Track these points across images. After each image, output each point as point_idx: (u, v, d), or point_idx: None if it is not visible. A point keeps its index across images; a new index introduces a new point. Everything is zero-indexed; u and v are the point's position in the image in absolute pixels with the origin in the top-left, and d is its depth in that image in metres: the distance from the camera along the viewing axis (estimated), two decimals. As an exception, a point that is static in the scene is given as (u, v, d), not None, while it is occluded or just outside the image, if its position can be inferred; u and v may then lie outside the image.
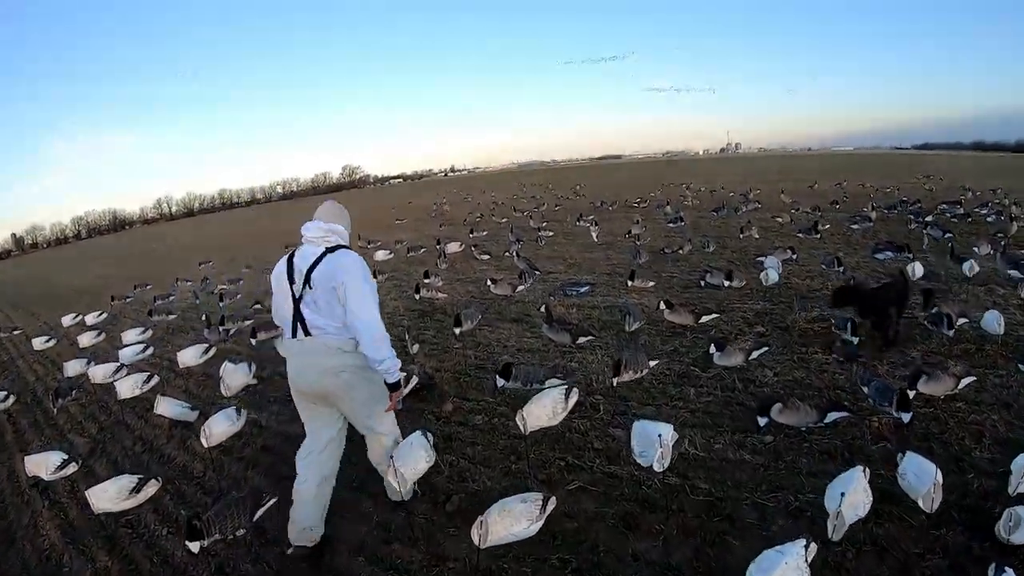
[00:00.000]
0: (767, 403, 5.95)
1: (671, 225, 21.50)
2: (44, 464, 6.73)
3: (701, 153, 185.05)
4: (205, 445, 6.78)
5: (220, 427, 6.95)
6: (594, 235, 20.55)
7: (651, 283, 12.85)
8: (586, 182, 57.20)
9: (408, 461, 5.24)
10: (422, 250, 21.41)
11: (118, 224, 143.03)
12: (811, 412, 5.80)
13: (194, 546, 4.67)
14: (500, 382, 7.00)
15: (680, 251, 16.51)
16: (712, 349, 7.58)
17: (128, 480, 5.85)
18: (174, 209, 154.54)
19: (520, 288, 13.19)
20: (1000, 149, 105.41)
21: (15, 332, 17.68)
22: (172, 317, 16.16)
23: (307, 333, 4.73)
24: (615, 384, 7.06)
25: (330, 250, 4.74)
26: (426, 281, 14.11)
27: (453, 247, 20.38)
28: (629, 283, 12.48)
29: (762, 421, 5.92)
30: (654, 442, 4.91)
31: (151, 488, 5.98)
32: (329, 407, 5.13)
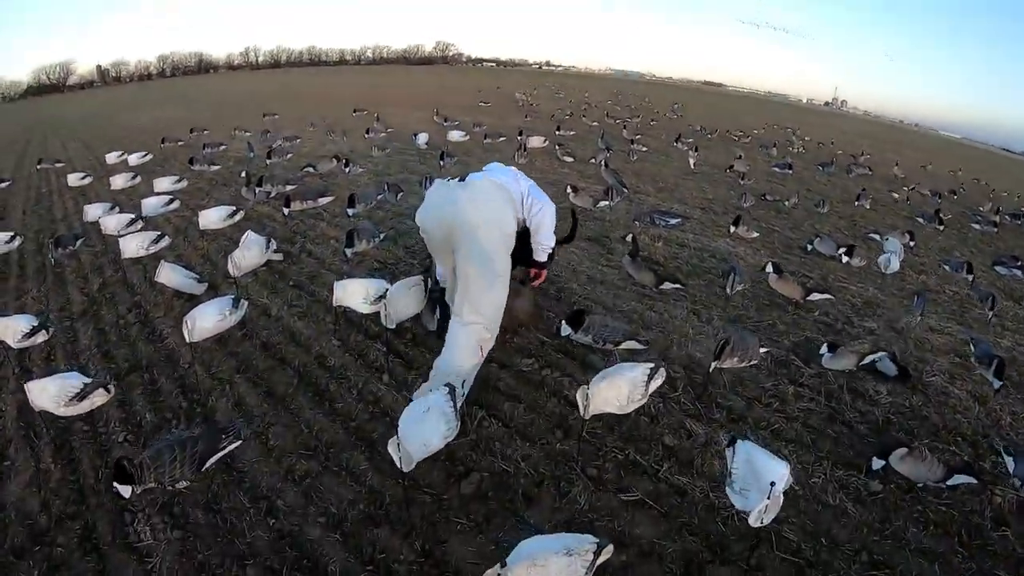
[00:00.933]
0: (890, 444, 4.53)
1: (776, 170, 19.26)
2: (11, 329, 5.69)
3: (805, 102, 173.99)
4: (187, 340, 5.54)
5: (207, 321, 5.66)
6: (691, 161, 18.31)
7: (755, 234, 10.97)
8: (686, 103, 52.99)
9: (417, 433, 3.87)
10: (501, 139, 19.60)
11: (203, 67, 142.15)
12: (937, 468, 4.42)
13: (124, 490, 3.82)
14: (566, 331, 5.66)
15: (785, 203, 14.40)
16: (823, 350, 6.04)
17: (74, 382, 4.78)
18: (260, 59, 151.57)
19: (603, 204, 11.52)
20: None
21: (58, 164, 16.88)
22: (215, 168, 15.00)
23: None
24: (713, 369, 5.35)
25: None
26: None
27: (535, 141, 18.44)
28: (732, 228, 10.52)
29: (877, 465, 4.51)
30: (763, 486, 3.34)
31: (98, 398, 4.92)
32: None
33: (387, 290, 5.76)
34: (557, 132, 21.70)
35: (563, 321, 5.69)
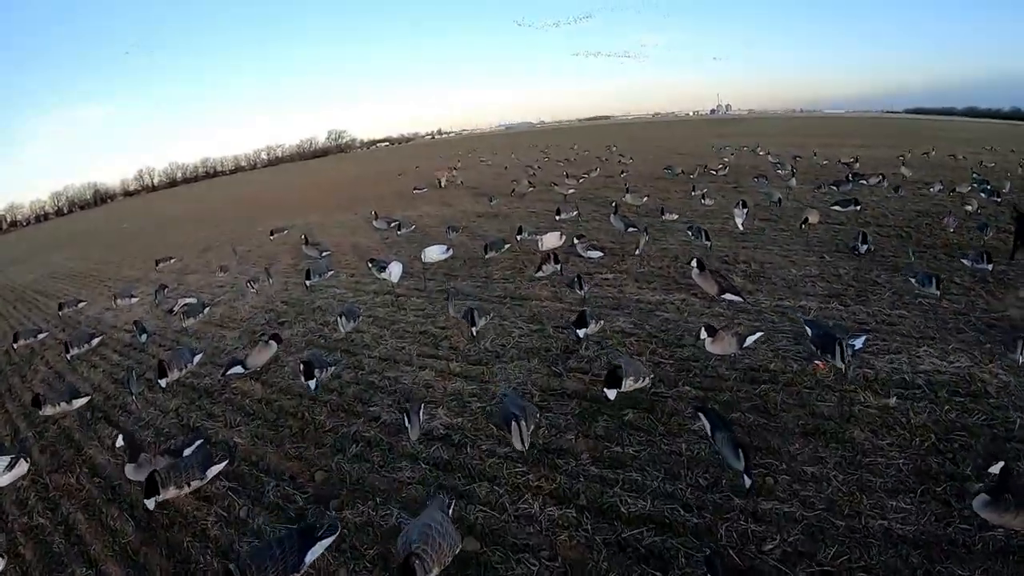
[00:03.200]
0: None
1: (838, 208, 16.03)
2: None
3: (692, 115, 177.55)
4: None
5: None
6: (739, 222, 14.87)
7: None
8: (607, 143, 50.69)
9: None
10: (505, 247, 14.20)
11: (100, 197, 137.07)
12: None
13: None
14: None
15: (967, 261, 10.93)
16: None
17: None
18: (156, 180, 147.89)
19: (751, 339, 7.85)
20: (994, 116, 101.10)
21: None
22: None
23: None
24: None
25: None
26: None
27: (551, 241, 13.74)
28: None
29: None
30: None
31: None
32: None
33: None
34: (558, 217, 17.45)
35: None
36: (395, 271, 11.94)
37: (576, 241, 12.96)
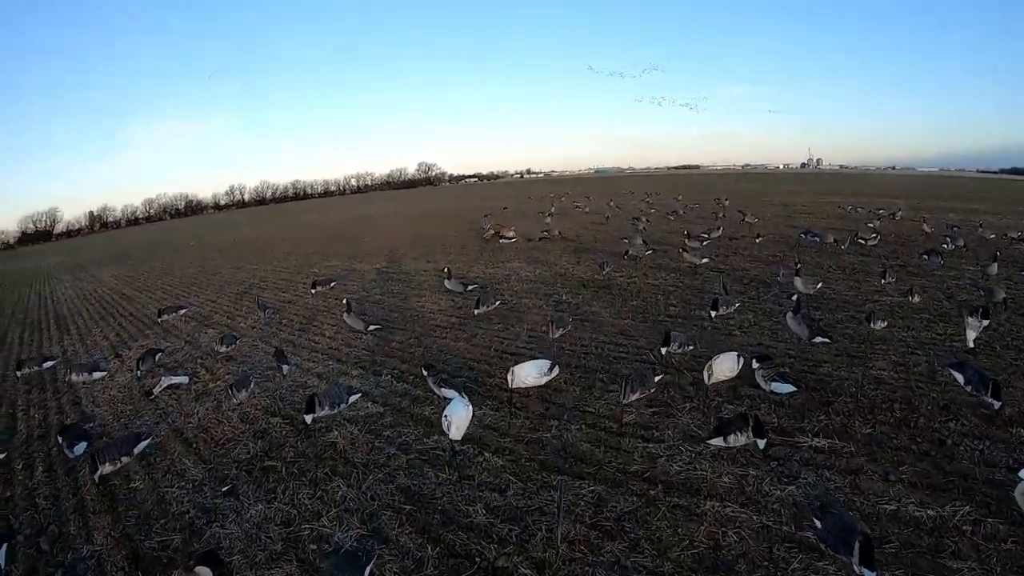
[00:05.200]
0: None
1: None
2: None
3: (781, 167, 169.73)
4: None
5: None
6: (971, 336, 9.94)
7: None
8: (717, 193, 45.15)
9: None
10: (656, 379, 8.46)
11: (191, 208, 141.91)
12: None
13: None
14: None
15: None
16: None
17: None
18: (247, 197, 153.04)
19: None
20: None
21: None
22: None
23: None
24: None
25: None
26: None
27: (725, 366, 8.19)
28: None
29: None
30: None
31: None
32: None
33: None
34: (714, 312, 11.28)
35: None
36: (457, 418, 6.71)
37: (755, 365, 7.96)
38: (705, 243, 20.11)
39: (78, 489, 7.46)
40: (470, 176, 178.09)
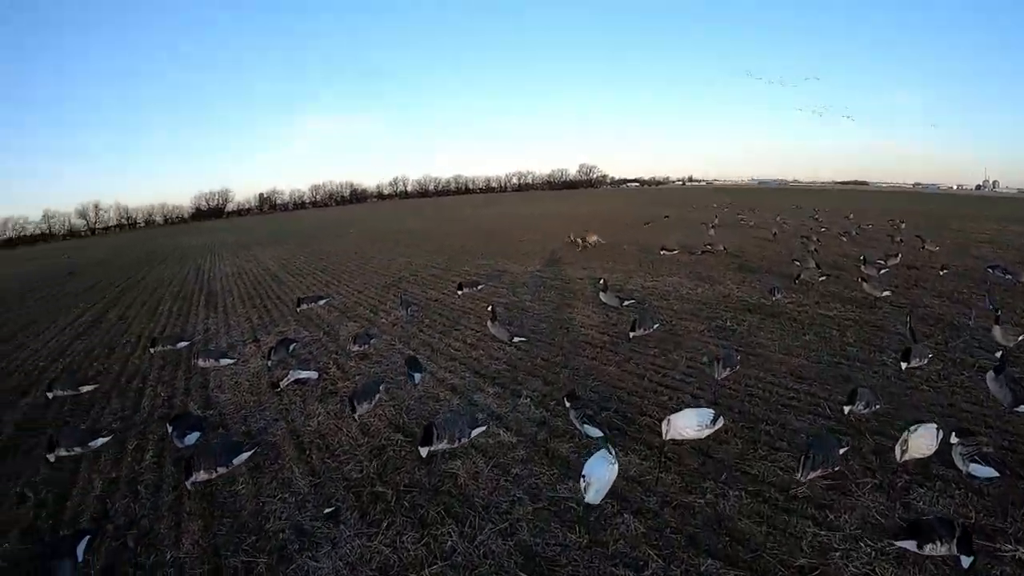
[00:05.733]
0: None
1: None
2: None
3: (955, 188, 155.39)
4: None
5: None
6: None
7: None
8: (889, 218, 40.90)
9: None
10: (840, 451, 6.93)
11: (356, 196, 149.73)
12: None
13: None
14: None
15: None
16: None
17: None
18: (410, 188, 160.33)
19: None
20: None
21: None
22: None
23: None
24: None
25: None
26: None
27: (923, 442, 6.56)
28: None
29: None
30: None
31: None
32: None
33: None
34: (906, 365, 9.51)
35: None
36: (598, 480, 5.78)
37: (954, 440, 6.44)
38: (882, 271, 18.13)
39: (179, 483, 7.11)
40: (631, 180, 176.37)
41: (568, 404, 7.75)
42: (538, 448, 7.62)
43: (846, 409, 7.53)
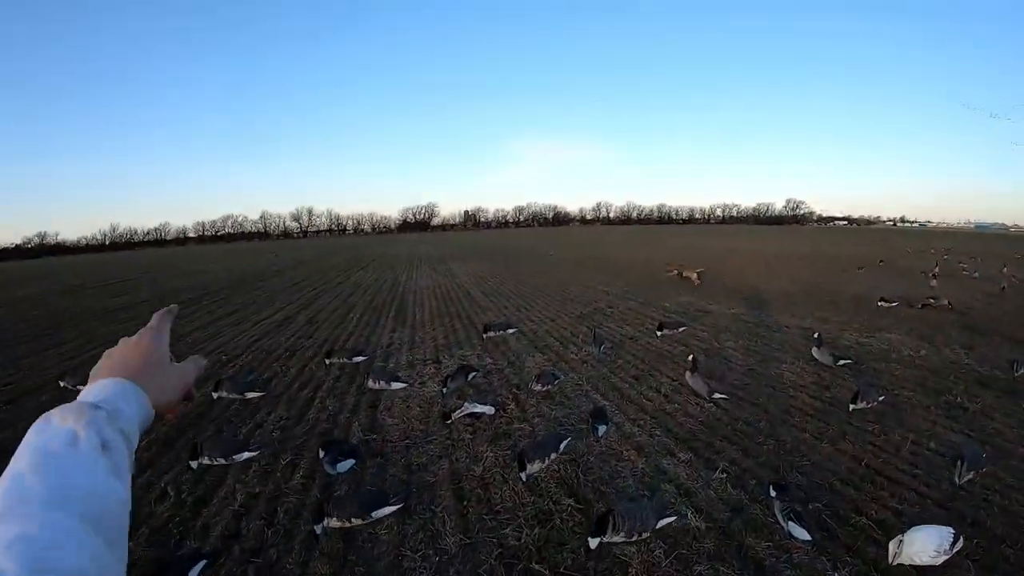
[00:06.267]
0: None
1: None
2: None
3: None
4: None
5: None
6: None
7: None
8: None
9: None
10: None
11: (558, 219, 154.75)
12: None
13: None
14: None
15: None
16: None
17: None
18: (612, 214, 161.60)
19: None
20: None
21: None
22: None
23: None
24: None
25: None
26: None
27: None
28: None
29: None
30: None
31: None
32: None
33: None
34: None
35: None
36: None
37: (772, 494, 6.25)
38: None
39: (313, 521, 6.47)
40: (839, 218, 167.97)
41: (774, 495, 6.57)
42: (730, 541, 6.42)
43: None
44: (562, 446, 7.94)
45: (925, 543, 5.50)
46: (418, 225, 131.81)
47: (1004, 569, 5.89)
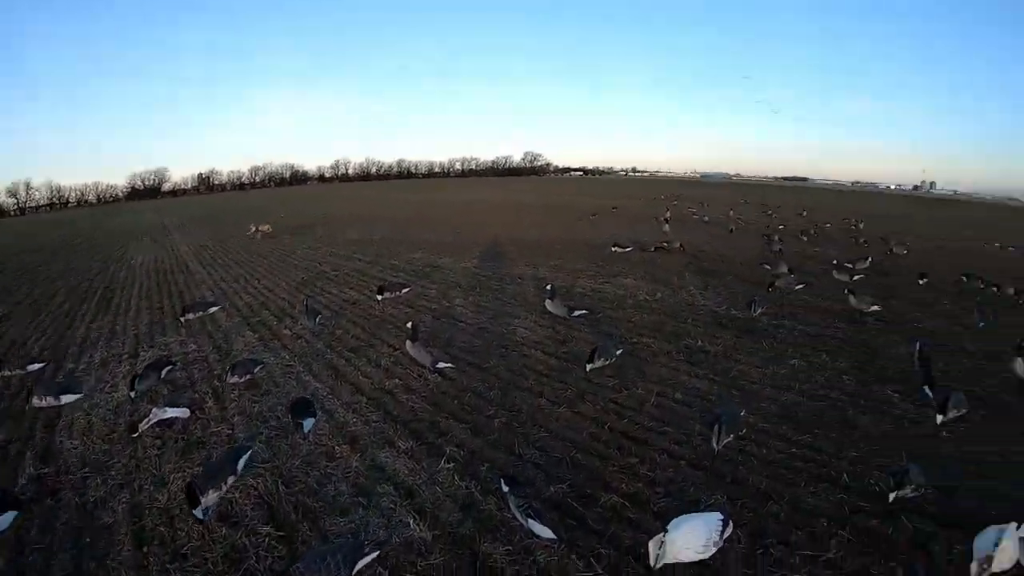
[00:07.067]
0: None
1: None
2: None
3: (893, 188, 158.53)
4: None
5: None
6: None
7: None
8: (844, 217, 39.81)
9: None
10: None
11: (296, 178, 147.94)
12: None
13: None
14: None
15: None
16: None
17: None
18: (351, 171, 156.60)
19: None
20: None
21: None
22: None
23: None
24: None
25: None
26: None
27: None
28: None
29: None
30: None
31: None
32: None
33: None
34: (941, 420, 7.47)
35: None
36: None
37: (505, 488, 5.52)
38: (855, 277, 16.36)
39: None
40: (576, 169, 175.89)
41: (506, 489, 5.48)
42: (461, 550, 5.30)
43: (891, 496, 5.39)
44: (241, 464, 6.24)
45: (690, 538, 4.64)
46: (148, 192, 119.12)
47: (775, 531, 5.45)
